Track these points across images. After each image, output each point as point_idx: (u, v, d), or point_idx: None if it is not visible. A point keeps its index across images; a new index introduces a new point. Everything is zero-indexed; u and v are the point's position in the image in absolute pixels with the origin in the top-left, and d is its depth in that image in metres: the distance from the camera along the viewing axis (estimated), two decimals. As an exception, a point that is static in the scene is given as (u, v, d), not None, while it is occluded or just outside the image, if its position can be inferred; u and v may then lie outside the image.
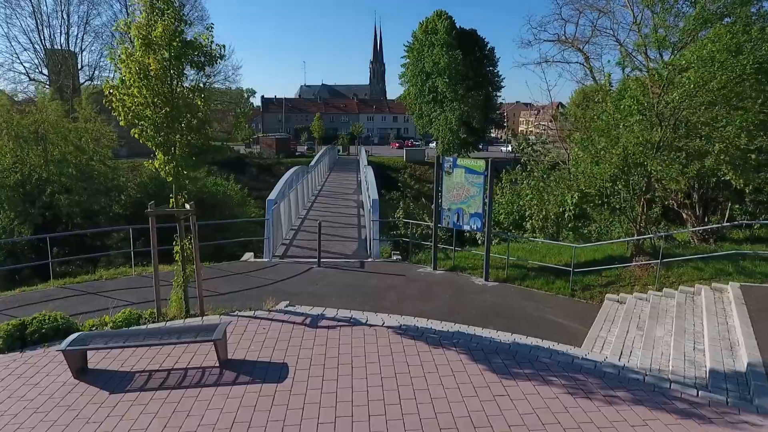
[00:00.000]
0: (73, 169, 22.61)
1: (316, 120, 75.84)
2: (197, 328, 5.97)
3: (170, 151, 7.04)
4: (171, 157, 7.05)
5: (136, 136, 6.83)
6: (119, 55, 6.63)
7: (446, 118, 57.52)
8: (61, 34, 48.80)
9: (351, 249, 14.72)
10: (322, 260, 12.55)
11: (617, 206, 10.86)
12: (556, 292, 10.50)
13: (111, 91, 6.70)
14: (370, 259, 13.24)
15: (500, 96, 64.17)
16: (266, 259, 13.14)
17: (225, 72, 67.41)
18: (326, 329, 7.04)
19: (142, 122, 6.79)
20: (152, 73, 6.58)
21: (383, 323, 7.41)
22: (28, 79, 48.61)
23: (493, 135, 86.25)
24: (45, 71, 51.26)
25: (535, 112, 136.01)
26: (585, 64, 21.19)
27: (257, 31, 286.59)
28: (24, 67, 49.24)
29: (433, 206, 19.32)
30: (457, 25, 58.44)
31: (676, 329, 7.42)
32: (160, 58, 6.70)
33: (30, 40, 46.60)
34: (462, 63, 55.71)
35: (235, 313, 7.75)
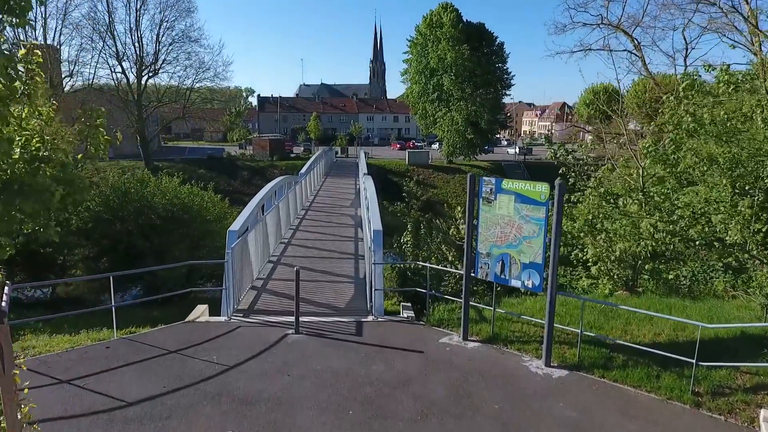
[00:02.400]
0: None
1: (312, 120, 71.73)
2: None
3: None
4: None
5: None
6: None
7: (452, 118, 53.50)
8: (36, 28, 45.07)
9: (344, 297, 10.79)
10: (302, 320, 8.73)
11: (738, 241, 6.94)
12: (666, 395, 6.59)
13: None
14: (370, 318, 9.36)
15: (510, 94, 60.15)
16: (223, 319, 9.26)
17: (215, 68, 63.55)
18: None
19: None
20: None
21: None
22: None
23: (497, 136, 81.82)
24: (20, 67, 47.37)
25: (539, 111, 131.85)
26: (636, 51, 17.39)
27: (255, 28, 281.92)
28: (-5, 62, 45.49)
29: (456, 229, 15.51)
30: (464, 19, 54.36)
31: None
32: None
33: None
34: (469, 59, 51.65)
35: None
